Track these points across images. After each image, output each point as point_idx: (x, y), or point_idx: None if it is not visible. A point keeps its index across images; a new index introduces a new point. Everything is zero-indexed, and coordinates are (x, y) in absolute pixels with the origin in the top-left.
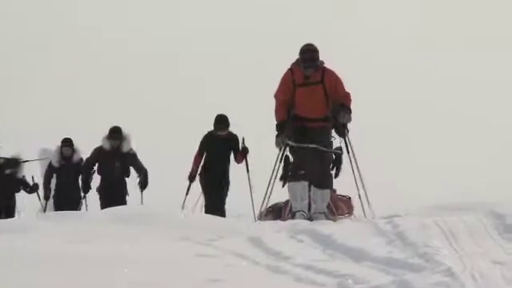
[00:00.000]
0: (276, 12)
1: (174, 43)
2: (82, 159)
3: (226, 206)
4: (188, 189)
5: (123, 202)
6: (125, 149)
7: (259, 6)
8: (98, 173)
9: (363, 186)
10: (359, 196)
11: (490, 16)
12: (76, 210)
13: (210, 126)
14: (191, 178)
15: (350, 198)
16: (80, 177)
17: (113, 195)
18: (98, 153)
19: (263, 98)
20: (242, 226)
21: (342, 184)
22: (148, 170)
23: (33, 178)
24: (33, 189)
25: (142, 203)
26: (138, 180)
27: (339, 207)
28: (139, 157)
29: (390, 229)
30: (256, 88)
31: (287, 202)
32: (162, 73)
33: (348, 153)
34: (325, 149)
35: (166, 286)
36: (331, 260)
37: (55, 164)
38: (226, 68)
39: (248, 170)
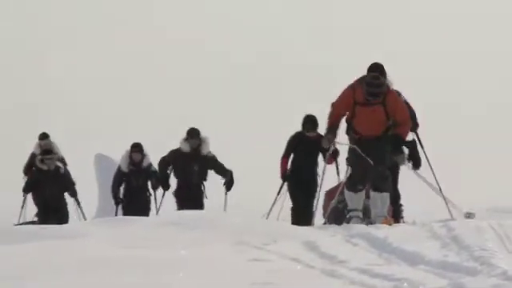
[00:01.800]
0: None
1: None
2: (151, 164)
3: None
4: (280, 190)
5: (201, 207)
6: (204, 151)
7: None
8: (174, 176)
9: (437, 183)
10: (440, 189)
11: None
12: (146, 215)
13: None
14: (284, 178)
15: None
16: (149, 182)
17: (190, 199)
18: (176, 155)
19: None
20: (296, 230)
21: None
22: (232, 171)
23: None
24: (74, 193)
25: (225, 206)
26: (223, 181)
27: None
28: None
29: (444, 232)
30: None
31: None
32: (238, 76)
33: (422, 147)
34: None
35: None
36: (386, 264)
37: (124, 169)
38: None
39: (338, 173)
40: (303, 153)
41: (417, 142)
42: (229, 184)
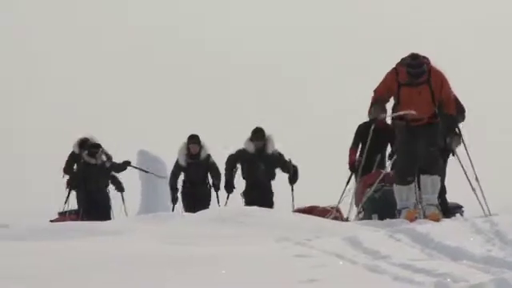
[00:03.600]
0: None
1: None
2: (209, 156)
3: None
4: (348, 180)
5: (270, 205)
6: (269, 150)
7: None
8: (242, 176)
9: (477, 180)
10: (473, 190)
11: None
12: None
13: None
14: (352, 168)
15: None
16: (209, 174)
17: (259, 198)
18: (241, 155)
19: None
20: (338, 225)
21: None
22: (297, 166)
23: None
24: (121, 188)
25: (293, 201)
26: (287, 177)
27: None
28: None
29: (488, 227)
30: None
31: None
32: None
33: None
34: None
35: (265, 285)
36: (429, 259)
37: (182, 162)
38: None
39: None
40: (370, 143)
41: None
42: (293, 179)
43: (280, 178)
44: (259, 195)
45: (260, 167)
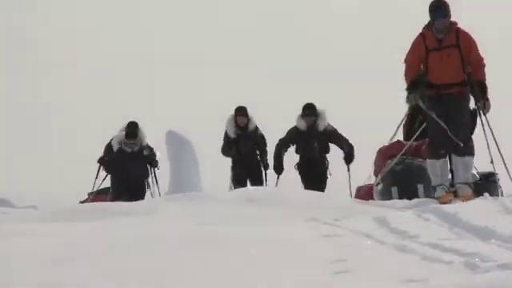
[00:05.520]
0: None
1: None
2: (257, 128)
3: None
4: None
5: (323, 181)
6: (321, 127)
7: None
8: (296, 152)
9: (502, 157)
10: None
11: None
12: (259, 180)
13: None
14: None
15: None
16: (258, 146)
17: (313, 173)
18: (293, 134)
19: None
20: (366, 205)
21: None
22: (353, 145)
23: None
24: (154, 163)
25: (350, 181)
26: (343, 155)
27: None
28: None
29: None
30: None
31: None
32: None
33: (482, 115)
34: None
35: (294, 266)
36: (457, 238)
37: (231, 135)
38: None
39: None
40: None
41: None
42: (348, 158)
43: (335, 159)
44: (313, 170)
45: (313, 145)
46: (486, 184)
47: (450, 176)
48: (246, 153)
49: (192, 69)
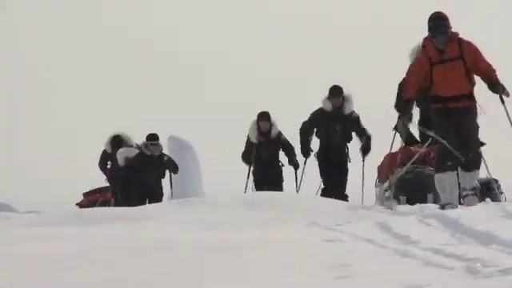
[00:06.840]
0: None
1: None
2: (280, 133)
3: None
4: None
5: (344, 169)
6: (347, 110)
7: None
8: (317, 136)
9: None
10: None
11: None
12: (279, 187)
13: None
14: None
15: None
16: (281, 152)
17: (333, 161)
18: (317, 115)
19: None
20: (368, 210)
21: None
22: (371, 136)
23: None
24: (174, 169)
25: (363, 173)
26: (360, 144)
27: None
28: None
29: None
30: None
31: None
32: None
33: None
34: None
35: (296, 270)
36: (459, 244)
37: (254, 140)
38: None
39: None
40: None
41: None
42: (365, 149)
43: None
44: (333, 159)
45: (336, 129)
46: (486, 191)
47: (457, 193)
48: (267, 159)
49: (194, 72)
